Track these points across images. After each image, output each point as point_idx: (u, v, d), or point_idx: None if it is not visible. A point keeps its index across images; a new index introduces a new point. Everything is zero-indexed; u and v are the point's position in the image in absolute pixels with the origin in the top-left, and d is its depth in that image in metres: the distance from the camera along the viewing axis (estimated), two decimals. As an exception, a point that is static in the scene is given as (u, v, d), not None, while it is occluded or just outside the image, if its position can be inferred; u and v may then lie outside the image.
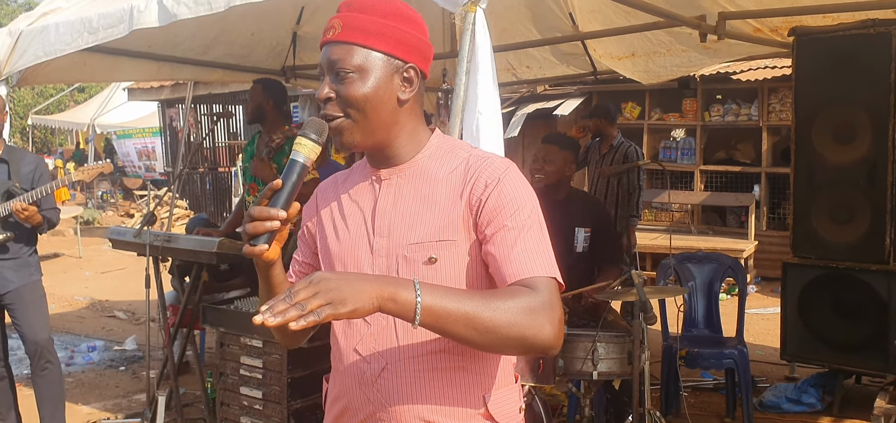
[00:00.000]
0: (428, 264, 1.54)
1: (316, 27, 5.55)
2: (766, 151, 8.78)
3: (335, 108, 1.55)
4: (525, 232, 1.52)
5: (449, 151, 1.64)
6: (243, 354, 3.90)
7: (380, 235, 1.60)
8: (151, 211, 4.55)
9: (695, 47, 5.37)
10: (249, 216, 1.43)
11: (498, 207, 1.53)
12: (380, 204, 1.62)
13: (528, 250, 1.50)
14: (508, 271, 1.49)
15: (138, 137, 19.27)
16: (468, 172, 1.58)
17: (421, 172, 1.62)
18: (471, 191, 1.55)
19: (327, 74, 1.56)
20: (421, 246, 1.55)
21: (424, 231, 1.56)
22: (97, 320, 8.02)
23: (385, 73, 1.55)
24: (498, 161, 1.59)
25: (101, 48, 4.50)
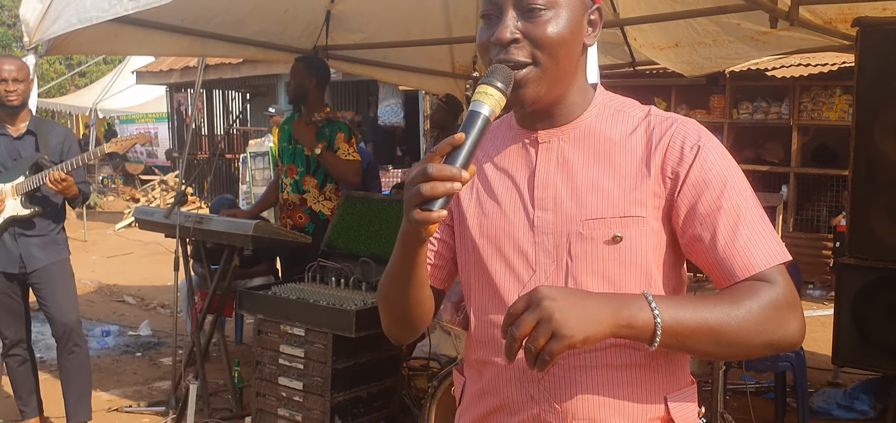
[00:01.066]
0: (611, 243, 1.30)
1: (350, 6, 5.36)
2: (796, 151, 8.60)
3: (522, 51, 1.28)
4: (745, 212, 1.28)
5: (619, 110, 1.40)
6: (283, 342, 3.70)
7: (542, 208, 1.36)
8: (183, 191, 4.35)
9: (742, 38, 5.18)
10: (425, 174, 1.17)
11: (703, 181, 1.29)
12: (540, 172, 1.37)
13: (754, 235, 1.27)
14: (738, 265, 1.26)
15: (141, 123, 19.07)
16: (654, 135, 1.34)
17: (588, 133, 1.37)
18: (664, 159, 1.31)
19: (510, 9, 1.29)
20: (601, 222, 1.31)
21: (604, 204, 1.32)
22: (107, 305, 7.81)
23: (577, 10, 1.31)
24: (689, 123, 1.35)
25: (131, 19, 4.30)
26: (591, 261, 1.32)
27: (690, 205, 1.30)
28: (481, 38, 1.32)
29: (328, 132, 4.75)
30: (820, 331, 6.42)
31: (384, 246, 4.14)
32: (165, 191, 14.73)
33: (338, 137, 4.76)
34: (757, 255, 1.26)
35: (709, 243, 1.28)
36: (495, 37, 1.28)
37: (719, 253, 1.27)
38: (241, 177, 12.70)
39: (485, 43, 1.31)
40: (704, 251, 1.29)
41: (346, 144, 4.77)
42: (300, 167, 4.83)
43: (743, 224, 1.27)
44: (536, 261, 1.35)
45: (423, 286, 1.40)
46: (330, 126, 4.77)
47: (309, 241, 4.41)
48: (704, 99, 9.15)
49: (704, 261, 1.31)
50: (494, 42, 1.28)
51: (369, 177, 6.57)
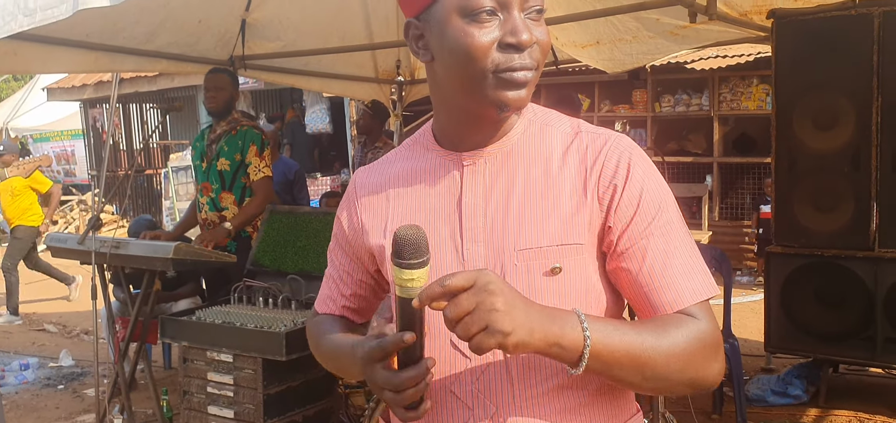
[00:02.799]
0: (550, 275, 1.19)
1: (266, 14, 5.21)
2: (718, 141, 8.78)
3: (533, 59, 1.16)
4: (676, 242, 1.21)
5: (545, 124, 1.28)
6: (210, 370, 3.54)
7: (473, 239, 1.23)
8: (96, 215, 4.12)
9: (661, 33, 5.23)
10: (394, 386, 1.09)
11: (634, 203, 1.20)
12: (466, 199, 1.25)
13: (684, 267, 1.20)
14: (667, 300, 1.18)
15: (57, 141, 18.33)
16: (588, 154, 1.23)
17: (517, 153, 1.26)
18: (598, 180, 1.21)
19: (518, 10, 1.15)
20: (537, 252, 1.20)
21: (539, 232, 1.20)
22: (26, 335, 7.44)
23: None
24: (622, 141, 1.25)
25: (33, 36, 4.07)
26: (529, 296, 1.17)
27: (621, 230, 1.21)
28: (481, 40, 1.14)
29: (241, 143, 4.59)
30: (751, 317, 6.54)
31: (312, 262, 4.01)
32: (84, 211, 14.18)
33: (250, 149, 4.59)
34: (686, 289, 1.19)
35: (637, 272, 1.20)
36: (518, 40, 1.13)
37: (647, 284, 1.20)
38: (165, 192, 12.33)
39: (483, 48, 1.14)
40: (631, 281, 1.21)
41: (257, 158, 4.59)
42: (215, 184, 4.65)
43: (673, 255, 1.20)
44: None
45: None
46: (242, 136, 4.60)
47: (233, 260, 4.25)
48: (627, 94, 9.26)
49: (630, 291, 1.23)
50: (517, 44, 1.13)
51: (297, 188, 6.42)
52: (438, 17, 1.16)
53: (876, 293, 4.29)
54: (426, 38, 1.21)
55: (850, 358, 4.60)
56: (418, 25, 1.21)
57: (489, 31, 1.14)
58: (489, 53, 1.14)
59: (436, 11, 1.17)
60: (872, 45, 4.22)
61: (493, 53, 1.14)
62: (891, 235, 4.25)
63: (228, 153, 4.61)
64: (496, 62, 1.14)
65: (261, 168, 4.61)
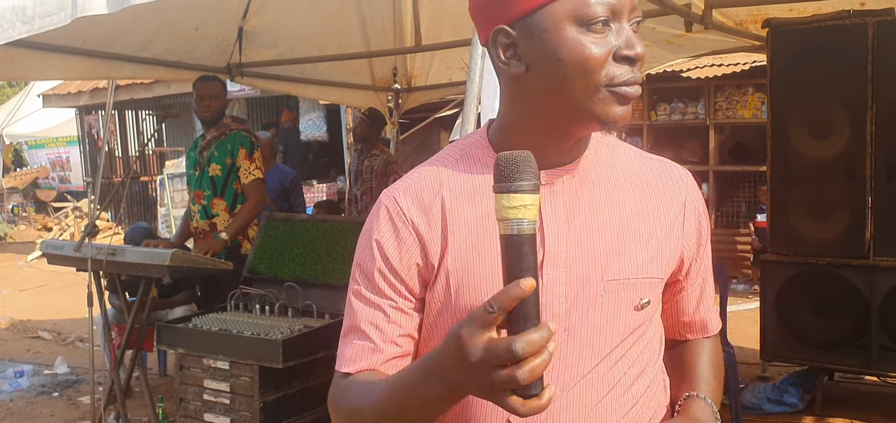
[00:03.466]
0: (639, 309, 1.16)
1: (263, 21, 5.22)
2: (713, 150, 8.80)
3: (640, 72, 1.11)
4: (709, 268, 1.33)
5: (610, 147, 1.24)
6: (207, 377, 3.53)
7: (554, 264, 1.13)
8: (93, 222, 4.12)
9: (657, 42, 5.25)
10: (511, 354, 0.90)
11: (705, 240, 1.28)
12: (546, 219, 1.14)
13: (711, 292, 1.34)
14: (709, 326, 1.36)
15: (52, 147, 18.31)
16: (667, 182, 1.23)
17: (594, 174, 1.19)
18: (686, 219, 1.23)
19: (626, 19, 1.08)
20: (626, 284, 1.15)
21: (628, 263, 1.15)
22: (20, 342, 7.41)
23: None
24: (688, 174, 1.28)
25: (30, 43, 4.08)
26: (614, 329, 1.16)
27: (694, 268, 1.29)
28: (593, 52, 1.05)
29: (230, 146, 4.59)
30: (747, 325, 6.54)
31: (309, 269, 4.01)
32: (80, 218, 14.16)
33: (239, 153, 4.60)
34: (714, 314, 1.36)
35: (695, 306, 1.33)
36: (635, 51, 1.06)
37: (701, 313, 1.34)
38: (160, 199, 12.32)
39: (602, 59, 1.06)
40: (684, 309, 1.33)
41: (247, 161, 4.60)
42: (207, 191, 4.65)
43: (708, 288, 1.33)
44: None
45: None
46: (232, 140, 4.61)
47: (230, 267, 4.24)
48: (624, 101, 9.28)
49: (678, 317, 1.34)
50: (634, 56, 1.07)
51: (293, 195, 6.42)
52: (544, 25, 1.07)
53: (871, 301, 4.31)
54: (521, 46, 1.10)
55: (846, 366, 4.61)
56: (511, 34, 1.11)
57: (605, 42, 1.06)
58: (605, 65, 1.07)
59: (540, 19, 1.08)
60: (867, 55, 4.25)
61: (608, 66, 1.07)
62: (885, 243, 4.27)
63: (219, 158, 4.62)
64: (611, 75, 1.07)
65: (252, 171, 4.61)
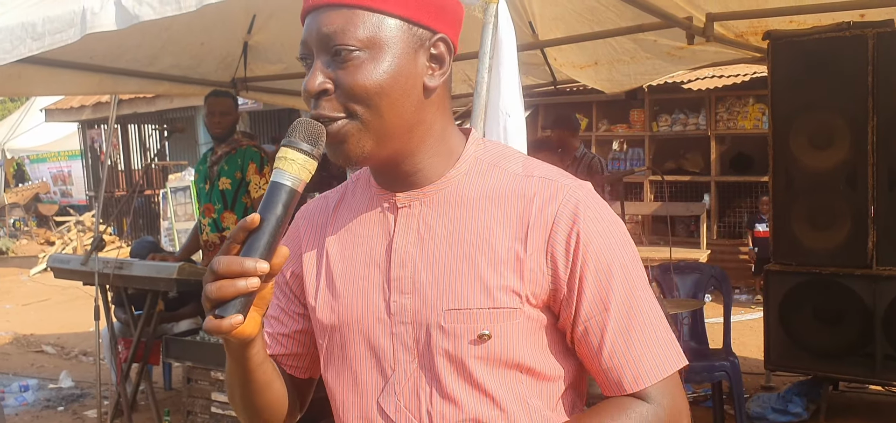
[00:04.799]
0: (477, 342, 1.08)
1: (268, 36, 5.24)
2: (715, 160, 8.84)
3: (334, 104, 1.06)
4: (638, 313, 1.11)
5: (493, 165, 1.15)
6: (214, 390, 3.56)
7: (400, 290, 1.12)
8: (100, 236, 4.15)
9: (659, 54, 5.29)
10: (212, 272, 0.96)
11: (592, 268, 1.09)
12: (398, 243, 1.13)
13: (645, 341, 1.10)
14: (627, 379, 1.10)
15: (54, 161, 18.36)
16: (534, 203, 1.10)
17: (455, 197, 1.13)
18: (547, 239, 1.09)
19: (318, 56, 1.07)
20: (466, 315, 1.08)
21: (470, 290, 1.09)
22: (24, 357, 7.42)
23: (406, 48, 1.07)
24: (578, 192, 1.11)
25: (37, 59, 4.10)
26: (457, 362, 1.10)
27: (575, 304, 1.10)
28: (304, 86, 1.09)
29: (240, 161, 4.63)
30: (750, 335, 6.57)
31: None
32: (82, 232, 14.19)
33: (249, 167, 4.64)
34: (651, 365, 1.10)
35: (596, 348, 1.11)
36: (304, 86, 1.06)
37: (605, 362, 1.11)
38: (163, 213, 12.34)
39: (304, 94, 1.09)
40: (590, 356, 1.12)
41: (257, 176, 4.64)
42: (218, 204, 4.68)
43: (635, 328, 1.10)
44: (395, 357, 1.12)
45: (264, 391, 1.18)
46: (242, 155, 4.65)
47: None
48: (625, 113, 9.33)
49: (590, 365, 1.14)
50: (304, 94, 1.07)
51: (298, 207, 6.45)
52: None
53: (874, 311, 4.32)
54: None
55: (850, 375, 4.63)
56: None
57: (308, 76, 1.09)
58: (306, 101, 1.10)
59: None
60: (867, 66, 4.28)
61: (307, 102, 1.10)
62: (888, 253, 4.29)
63: (229, 172, 4.65)
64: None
65: (261, 185, 4.65)
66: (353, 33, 1.04)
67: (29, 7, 3.53)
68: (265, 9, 4.88)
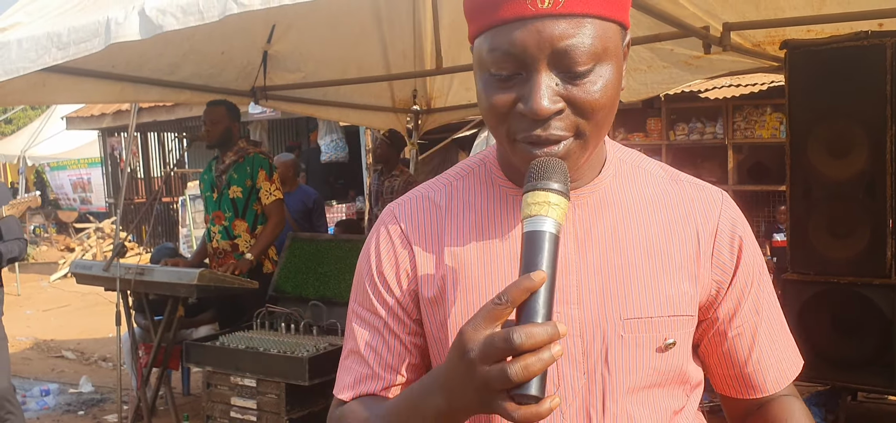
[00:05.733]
0: (663, 350, 1.04)
1: (287, 46, 5.30)
2: (732, 169, 8.81)
3: (566, 124, 0.95)
4: (777, 318, 1.16)
5: (635, 166, 1.13)
6: (234, 394, 3.59)
7: (565, 301, 1.03)
8: (121, 243, 4.21)
9: (676, 64, 5.30)
10: (509, 345, 0.82)
11: (748, 278, 1.10)
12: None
13: (782, 344, 1.16)
14: (770, 379, 1.15)
15: (73, 169, 18.55)
16: (698, 210, 1.09)
17: (612, 200, 1.08)
18: (715, 247, 1.08)
19: (541, 71, 0.93)
20: (649, 323, 1.03)
21: (650, 299, 1.04)
22: (45, 362, 7.52)
23: (620, 53, 0.99)
24: (722, 194, 1.14)
25: (61, 67, 4.17)
26: (637, 373, 1.04)
27: (733, 308, 1.11)
28: (496, 99, 0.96)
29: (249, 169, 4.68)
30: (765, 345, 6.54)
31: (333, 288, 4.07)
32: (101, 238, 14.32)
33: (259, 174, 4.69)
34: (788, 367, 1.17)
35: (747, 351, 1.13)
36: (531, 108, 0.93)
37: (753, 364, 1.13)
38: (181, 220, 12.45)
39: (501, 109, 0.97)
40: (735, 359, 1.13)
41: (267, 183, 4.70)
42: (228, 212, 4.73)
43: (776, 331, 1.15)
44: (559, 373, 1.03)
45: None
46: (250, 162, 4.70)
47: (256, 286, 4.32)
48: (641, 122, 9.32)
49: (728, 370, 1.15)
50: (528, 113, 0.94)
51: (316, 215, 6.49)
52: (476, 59, 1.05)
53: (894, 321, 4.29)
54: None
55: (869, 386, 4.60)
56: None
57: (510, 90, 0.97)
58: (506, 120, 0.99)
59: (476, 52, 1.04)
60: (885, 75, 4.26)
61: (510, 117, 0.98)
62: (907, 262, 4.26)
63: (239, 180, 4.70)
64: (513, 129, 0.98)
65: (272, 191, 4.70)
66: (591, 46, 0.93)
67: (55, 17, 3.60)
68: (284, 19, 4.94)
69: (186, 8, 2.91)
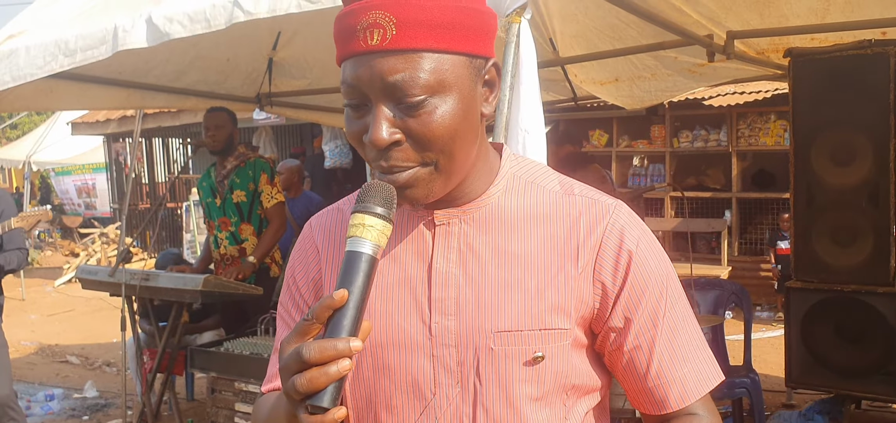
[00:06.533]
0: (531, 364, 1.06)
1: (292, 53, 5.33)
2: (736, 177, 8.81)
3: (407, 154, 1.00)
4: (681, 331, 1.12)
5: (530, 182, 1.14)
6: (238, 400, 3.61)
7: (443, 312, 1.08)
8: (127, 248, 4.23)
9: (680, 71, 5.30)
10: (299, 360, 0.88)
11: (638, 293, 1.09)
12: (437, 263, 1.09)
13: (688, 357, 1.12)
14: (673, 396, 1.11)
15: (78, 174, 18.61)
16: (581, 223, 1.10)
17: (496, 214, 1.11)
18: (597, 259, 1.08)
19: (380, 103, 0.98)
20: (517, 336, 1.06)
21: (520, 311, 1.06)
22: (49, 367, 7.53)
23: (469, 82, 1.02)
24: (616, 208, 1.12)
25: (68, 74, 4.19)
26: (505, 385, 1.07)
27: (622, 325, 1.10)
28: (351, 129, 1.03)
29: (251, 173, 4.70)
30: (771, 352, 6.54)
31: (337, 294, 4.08)
32: (106, 244, 14.36)
33: (261, 178, 4.72)
34: (693, 384, 1.12)
35: (644, 371, 1.11)
36: (369, 139, 0.99)
37: (652, 380, 1.11)
38: (185, 225, 12.48)
39: (356, 137, 1.03)
40: (634, 374, 1.12)
41: (269, 186, 4.74)
42: (234, 217, 4.75)
43: (679, 345, 1.11)
44: (436, 381, 1.08)
45: None
46: (252, 167, 4.72)
47: (260, 292, 4.33)
48: (645, 129, 9.33)
49: (632, 384, 1.14)
50: (368, 143, 1.00)
51: (318, 222, 6.52)
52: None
53: (896, 329, 4.30)
54: None
55: (873, 394, 4.59)
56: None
57: (357, 124, 1.03)
58: (362, 148, 1.04)
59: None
60: (888, 83, 4.27)
61: (366, 150, 1.03)
62: (910, 271, 4.27)
63: (242, 184, 4.72)
64: (369, 157, 1.03)
65: (274, 195, 4.73)
66: (423, 79, 0.97)
67: (63, 25, 3.62)
68: (290, 26, 4.96)
69: (193, 16, 2.93)
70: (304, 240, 1.22)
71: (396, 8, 0.96)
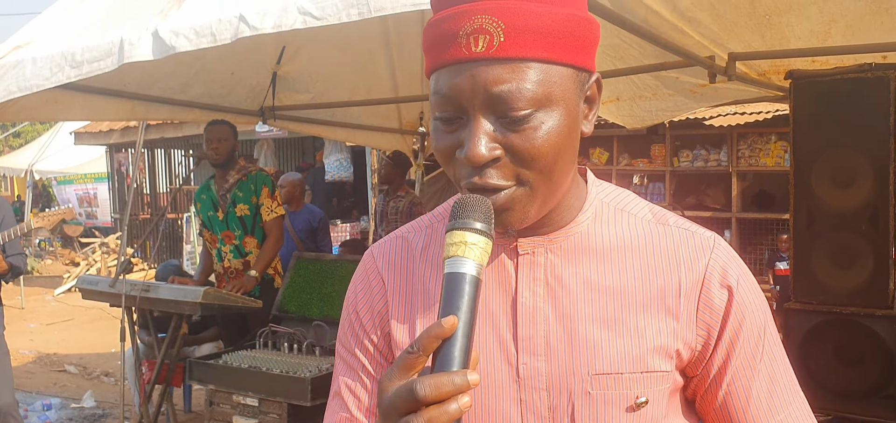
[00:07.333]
0: (633, 410, 0.97)
1: (296, 67, 5.36)
2: (736, 197, 8.83)
3: (505, 172, 0.91)
4: (779, 371, 1.06)
5: (619, 208, 1.06)
6: (236, 413, 3.61)
7: (532, 352, 0.98)
8: (127, 259, 4.24)
9: (681, 92, 5.34)
10: (414, 399, 0.78)
11: (738, 330, 1.01)
12: (523, 298, 1.00)
13: (786, 398, 1.06)
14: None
15: (80, 183, 18.64)
16: (682, 258, 1.01)
17: (587, 245, 1.02)
18: (700, 300, 1.00)
19: (479, 116, 0.90)
20: (618, 379, 0.97)
21: (620, 352, 0.97)
22: (47, 376, 7.53)
23: (574, 98, 0.93)
24: (715, 242, 1.04)
25: (73, 85, 4.22)
26: None
27: (721, 363, 1.02)
28: (441, 143, 0.94)
29: (253, 187, 4.73)
30: (768, 373, 6.52)
31: (337, 308, 4.08)
32: (106, 253, 14.37)
33: (263, 191, 4.75)
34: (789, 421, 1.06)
35: (741, 408, 1.04)
36: (466, 154, 0.90)
37: (750, 421, 1.04)
38: (186, 236, 12.49)
39: (446, 153, 0.94)
40: (729, 418, 1.05)
41: (269, 199, 4.77)
42: (238, 230, 4.77)
43: (776, 390, 1.05)
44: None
45: None
46: (254, 180, 4.75)
47: (260, 305, 4.34)
48: (646, 149, 9.36)
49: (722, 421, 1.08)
50: (464, 159, 0.91)
51: (321, 235, 6.53)
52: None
53: (895, 352, 4.30)
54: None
55: (872, 418, 4.57)
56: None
57: (448, 138, 0.94)
58: (452, 163, 0.95)
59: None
60: (889, 107, 4.28)
61: (455, 162, 0.94)
62: (910, 294, 4.28)
63: (244, 198, 4.75)
64: (458, 174, 0.95)
65: (273, 208, 4.76)
66: (530, 92, 0.88)
67: (70, 37, 3.65)
68: (294, 41, 4.99)
69: (199, 30, 2.95)
70: (368, 271, 1.11)
71: (505, 13, 0.87)
